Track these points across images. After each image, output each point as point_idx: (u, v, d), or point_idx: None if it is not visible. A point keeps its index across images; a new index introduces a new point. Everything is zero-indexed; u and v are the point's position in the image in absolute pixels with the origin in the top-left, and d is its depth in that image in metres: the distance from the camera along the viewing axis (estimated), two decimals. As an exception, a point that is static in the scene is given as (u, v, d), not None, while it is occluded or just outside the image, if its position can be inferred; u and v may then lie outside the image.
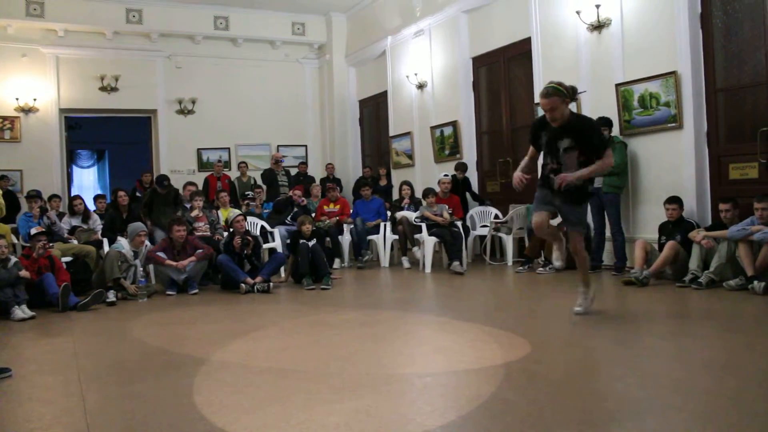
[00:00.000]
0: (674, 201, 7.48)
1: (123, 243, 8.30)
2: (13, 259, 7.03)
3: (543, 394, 3.53)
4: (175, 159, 14.14)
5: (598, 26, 8.65)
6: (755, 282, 6.30)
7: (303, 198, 11.26)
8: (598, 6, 8.56)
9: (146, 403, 3.61)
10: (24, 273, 6.97)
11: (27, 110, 12.85)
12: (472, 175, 11.48)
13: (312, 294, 7.87)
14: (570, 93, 5.23)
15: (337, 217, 10.83)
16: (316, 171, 14.81)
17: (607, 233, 8.34)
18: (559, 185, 5.20)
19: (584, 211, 5.78)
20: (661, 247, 7.42)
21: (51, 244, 7.58)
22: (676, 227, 7.40)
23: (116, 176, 19.55)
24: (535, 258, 9.08)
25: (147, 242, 8.52)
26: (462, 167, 11.09)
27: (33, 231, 7.63)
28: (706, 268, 6.89)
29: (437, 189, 10.17)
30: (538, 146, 5.57)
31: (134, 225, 8.55)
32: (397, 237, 10.27)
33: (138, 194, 11.22)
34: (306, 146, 15.60)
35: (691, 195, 7.74)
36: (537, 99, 9.59)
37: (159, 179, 10.26)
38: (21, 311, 6.66)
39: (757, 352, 4.35)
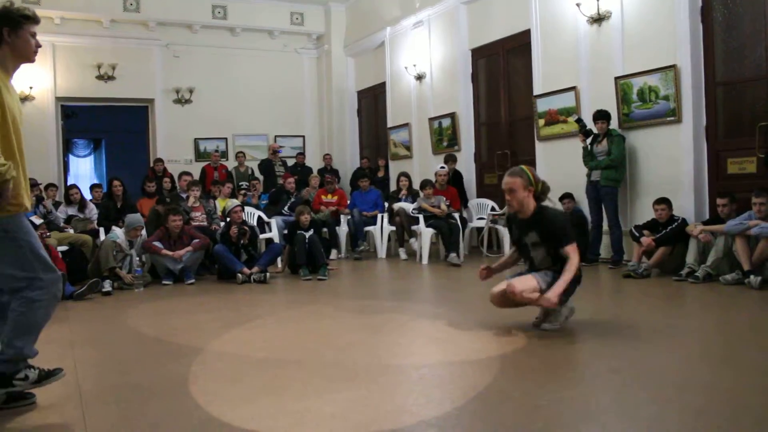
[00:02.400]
0: (663, 202, 7.48)
1: (118, 233, 8.28)
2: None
3: (538, 385, 3.53)
4: (172, 148, 14.07)
5: (598, 19, 8.63)
6: (751, 276, 6.31)
7: (308, 189, 11.26)
8: (598, -2, 8.55)
9: (142, 392, 3.61)
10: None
11: (23, 98, 12.75)
12: (470, 167, 11.48)
13: (308, 284, 7.87)
14: (538, 187, 4.78)
15: (335, 208, 10.82)
16: (313, 162, 14.77)
17: (605, 226, 8.34)
18: (550, 304, 4.60)
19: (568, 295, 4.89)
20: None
21: (48, 234, 7.55)
22: (666, 227, 7.40)
23: (113, 165, 19.49)
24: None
25: (143, 233, 8.51)
26: (451, 158, 11.05)
27: (32, 220, 7.60)
28: (703, 262, 6.90)
29: (435, 181, 10.17)
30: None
31: (132, 217, 8.51)
32: (394, 228, 10.27)
33: (149, 183, 11.00)
34: (304, 137, 15.57)
35: (689, 189, 7.74)
36: (535, 91, 9.71)
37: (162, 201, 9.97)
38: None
39: (752, 346, 4.37)
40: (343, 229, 10.71)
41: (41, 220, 7.67)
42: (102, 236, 8.84)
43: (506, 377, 3.69)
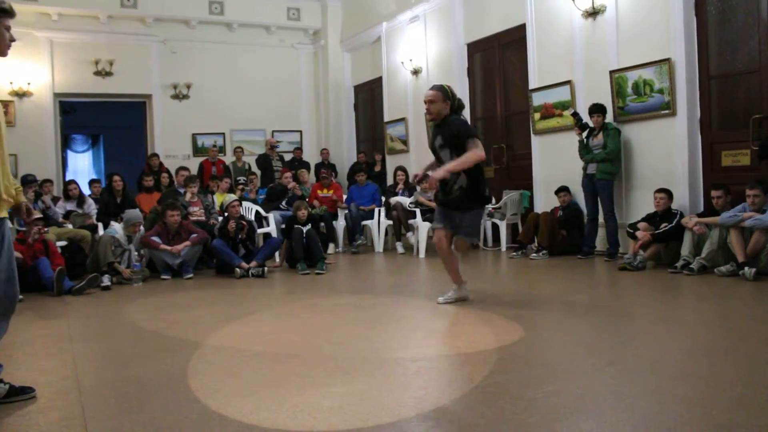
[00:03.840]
0: (664, 191, 7.52)
1: (116, 228, 8.31)
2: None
3: (535, 378, 3.57)
4: (169, 144, 14.07)
5: (593, 13, 8.65)
6: (746, 268, 6.35)
7: (296, 184, 11.26)
8: (593, -8, 8.57)
9: (141, 387, 3.63)
10: (16, 254, 6.95)
11: (21, 94, 12.78)
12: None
13: (306, 278, 7.90)
14: (453, 100, 5.49)
15: (334, 202, 10.83)
16: (310, 156, 14.77)
17: (601, 219, 8.38)
18: (431, 185, 5.40)
19: (477, 217, 5.63)
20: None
21: (46, 229, 7.57)
22: (663, 219, 7.44)
23: (111, 161, 19.46)
24: (528, 243, 9.12)
25: (141, 228, 8.53)
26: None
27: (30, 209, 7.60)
28: (698, 254, 6.94)
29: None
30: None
31: (131, 213, 8.54)
32: (391, 222, 10.31)
33: (146, 178, 11.04)
34: (301, 132, 15.56)
35: (684, 181, 7.78)
36: (531, 85, 9.73)
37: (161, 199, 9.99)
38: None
39: (748, 337, 4.40)
40: (340, 224, 10.74)
41: (38, 215, 7.68)
42: (101, 231, 8.86)
43: (503, 370, 3.71)
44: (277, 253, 9.10)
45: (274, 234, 9.83)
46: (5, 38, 3.46)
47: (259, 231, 9.73)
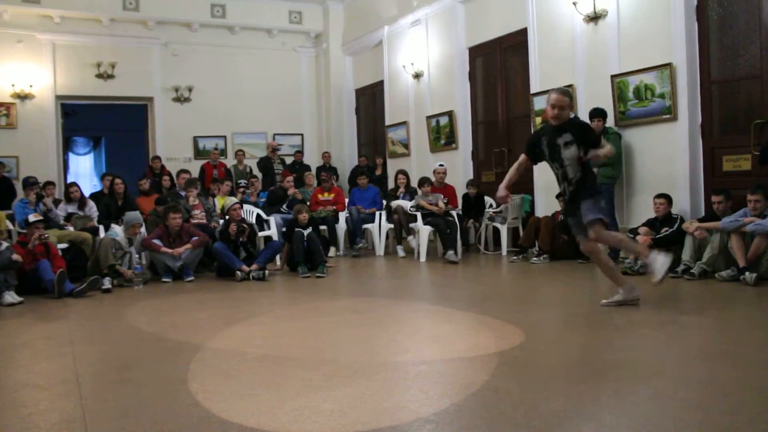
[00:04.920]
0: (663, 196, 7.52)
1: (117, 230, 8.31)
2: (5, 244, 7.04)
3: (536, 382, 3.57)
4: (171, 147, 14.09)
5: (595, 17, 8.66)
6: (747, 273, 6.35)
7: (296, 190, 11.25)
8: (594, -3, 8.59)
9: (141, 390, 3.63)
10: (16, 257, 6.98)
11: (23, 97, 12.81)
12: (467, 165, 11.51)
13: (307, 282, 7.91)
14: (574, 106, 5.89)
15: (334, 207, 10.83)
16: (312, 159, 14.80)
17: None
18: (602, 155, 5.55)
19: (595, 203, 5.61)
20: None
21: (47, 234, 7.58)
22: (663, 224, 7.44)
23: (112, 163, 19.45)
24: (529, 248, 9.12)
25: (143, 230, 8.54)
26: (472, 184, 10.72)
27: (31, 218, 7.62)
28: (699, 259, 6.94)
29: (432, 178, 10.20)
30: (535, 155, 5.75)
31: (131, 215, 8.54)
32: (392, 226, 10.31)
33: (140, 181, 11.08)
34: (302, 135, 15.58)
35: (685, 186, 7.78)
36: (532, 89, 9.73)
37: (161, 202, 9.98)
38: (10, 296, 6.70)
39: (748, 342, 4.41)
40: (341, 227, 10.74)
41: (39, 218, 7.69)
42: (102, 234, 8.87)
43: (504, 374, 3.71)
44: (278, 257, 9.10)
45: (275, 237, 9.84)
46: None
47: (260, 234, 9.75)
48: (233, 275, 8.12)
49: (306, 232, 8.60)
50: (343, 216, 10.75)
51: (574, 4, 8.78)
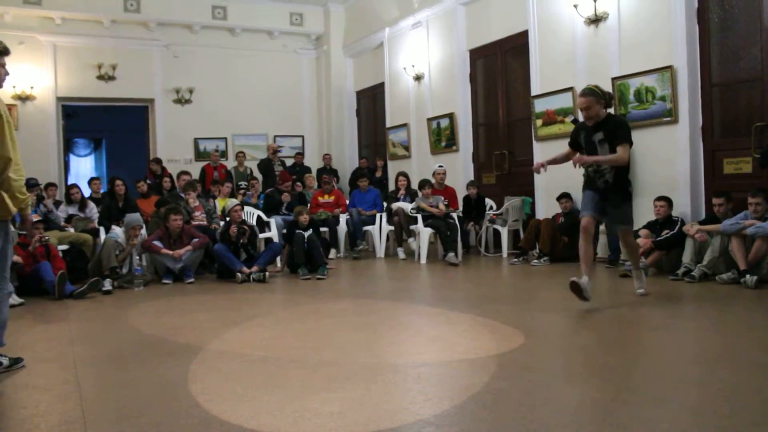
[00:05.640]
0: (663, 199, 7.53)
1: (118, 232, 8.32)
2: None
3: (536, 384, 3.57)
4: (172, 148, 14.09)
5: (595, 20, 8.67)
6: (747, 276, 6.35)
7: (288, 196, 11.21)
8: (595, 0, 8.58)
9: (142, 391, 3.64)
10: (16, 258, 6.98)
11: (24, 98, 12.82)
12: (468, 167, 11.51)
13: (307, 284, 7.91)
14: (606, 97, 5.76)
15: (339, 210, 10.82)
16: (312, 161, 14.81)
17: (602, 226, 8.36)
18: (580, 162, 5.76)
19: (628, 209, 6.02)
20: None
21: (47, 237, 7.59)
22: (664, 227, 7.44)
23: (113, 165, 19.51)
24: (529, 250, 9.13)
25: (143, 232, 8.55)
26: (472, 185, 10.71)
27: (31, 219, 7.61)
28: (699, 261, 6.94)
29: (433, 180, 10.21)
30: (577, 145, 6.07)
31: (131, 217, 8.55)
32: (392, 228, 10.31)
33: (148, 181, 11.12)
34: (303, 137, 15.59)
35: (685, 189, 7.78)
36: (533, 92, 9.74)
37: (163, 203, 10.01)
38: (11, 298, 6.69)
39: (749, 344, 4.40)
40: (342, 229, 10.74)
41: (35, 219, 7.69)
42: (102, 235, 8.87)
43: (504, 376, 3.71)
44: (278, 258, 9.10)
45: (276, 239, 9.84)
46: (1, 75, 3.94)
47: (261, 236, 9.75)
48: (234, 277, 8.14)
49: (306, 234, 8.61)
50: (343, 218, 10.76)
51: (575, 6, 8.79)
